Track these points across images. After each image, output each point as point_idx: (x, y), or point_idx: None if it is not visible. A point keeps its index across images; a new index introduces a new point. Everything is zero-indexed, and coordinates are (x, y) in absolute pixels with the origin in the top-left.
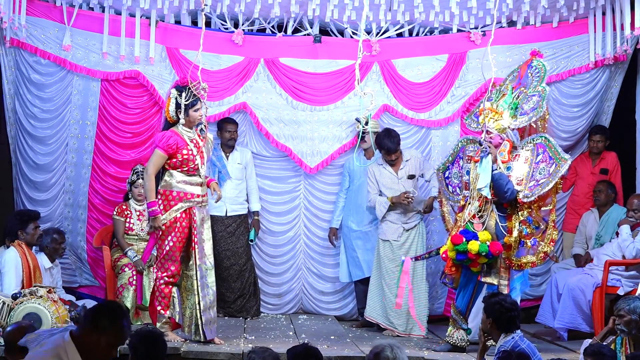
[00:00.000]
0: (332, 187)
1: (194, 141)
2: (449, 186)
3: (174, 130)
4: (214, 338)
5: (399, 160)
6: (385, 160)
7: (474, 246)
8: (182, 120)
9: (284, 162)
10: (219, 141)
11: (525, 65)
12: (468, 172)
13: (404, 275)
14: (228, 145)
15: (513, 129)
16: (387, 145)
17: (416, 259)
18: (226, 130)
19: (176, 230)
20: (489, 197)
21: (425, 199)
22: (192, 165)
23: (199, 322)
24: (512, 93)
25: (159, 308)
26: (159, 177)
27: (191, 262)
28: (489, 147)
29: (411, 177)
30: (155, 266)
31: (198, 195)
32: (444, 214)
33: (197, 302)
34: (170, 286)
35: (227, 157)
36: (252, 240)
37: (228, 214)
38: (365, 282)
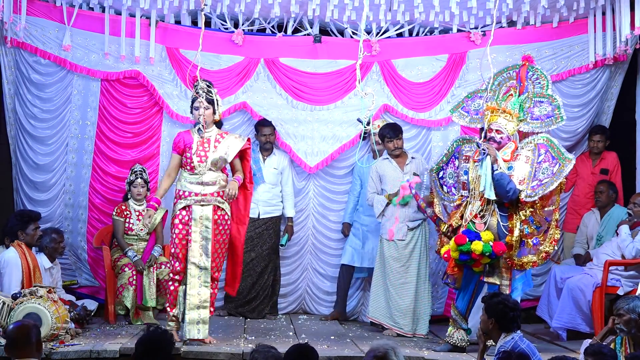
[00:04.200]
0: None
1: (204, 140)
2: (444, 186)
3: (188, 130)
4: (205, 338)
5: (404, 156)
6: (389, 154)
7: (477, 246)
8: (191, 117)
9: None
10: (257, 143)
11: (524, 71)
12: (466, 172)
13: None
14: (265, 148)
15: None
16: (387, 132)
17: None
18: (262, 134)
19: (176, 228)
20: (494, 198)
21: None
22: (191, 164)
23: (185, 320)
24: (519, 96)
25: (166, 305)
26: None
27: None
28: (487, 148)
29: (416, 174)
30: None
31: (197, 194)
32: (437, 214)
33: (186, 299)
34: (176, 284)
35: (264, 160)
36: (282, 245)
37: (260, 216)
38: (349, 272)
